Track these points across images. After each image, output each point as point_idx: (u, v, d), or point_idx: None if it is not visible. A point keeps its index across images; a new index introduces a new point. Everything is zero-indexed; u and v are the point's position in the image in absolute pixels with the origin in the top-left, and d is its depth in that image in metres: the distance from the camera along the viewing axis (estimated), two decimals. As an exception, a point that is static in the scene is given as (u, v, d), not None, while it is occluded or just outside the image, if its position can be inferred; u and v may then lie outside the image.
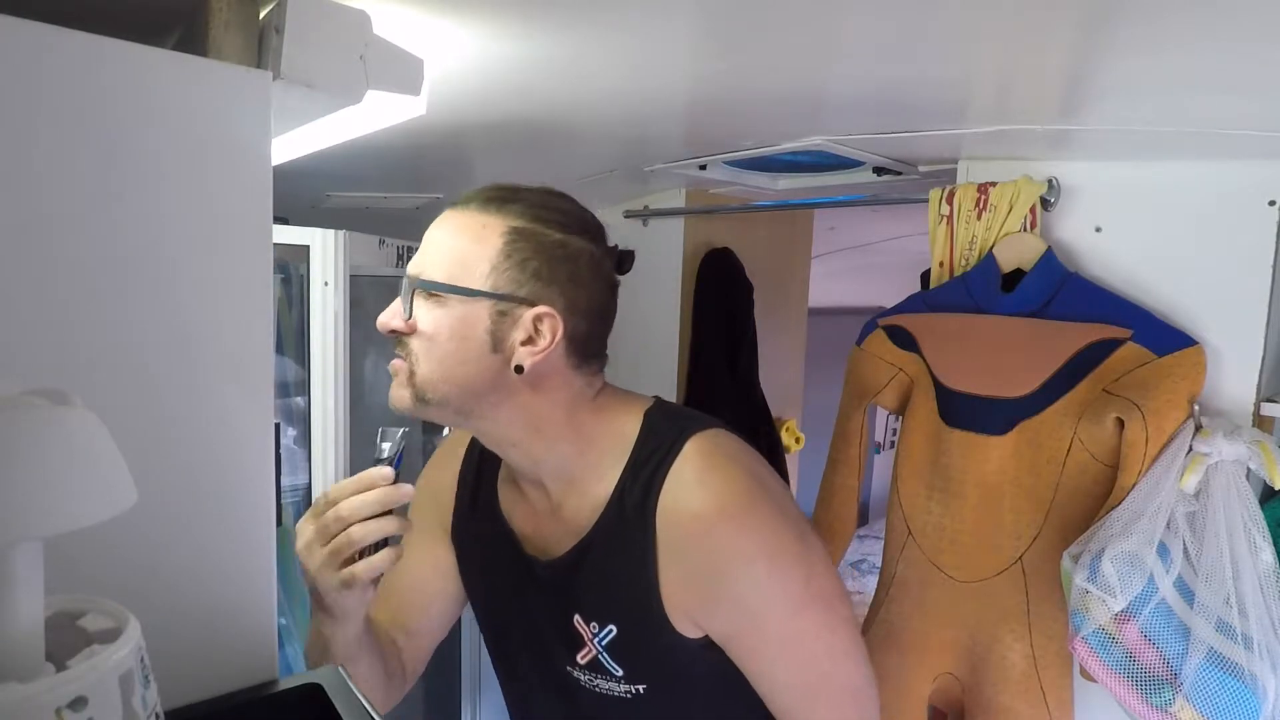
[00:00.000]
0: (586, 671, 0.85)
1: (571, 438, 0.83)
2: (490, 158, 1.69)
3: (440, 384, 0.78)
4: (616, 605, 0.82)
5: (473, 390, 0.79)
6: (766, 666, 0.81)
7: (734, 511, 0.78)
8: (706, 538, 0.77)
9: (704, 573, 0.78)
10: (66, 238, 0.65)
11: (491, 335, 0.77)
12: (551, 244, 0.78)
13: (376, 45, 0.78)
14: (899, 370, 1.44)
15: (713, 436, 0.82)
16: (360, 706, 0.77)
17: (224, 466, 0.76)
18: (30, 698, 0.38)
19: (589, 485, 0.83)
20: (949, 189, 1.43)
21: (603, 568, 0.82)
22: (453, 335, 0.77)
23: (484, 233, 0.77)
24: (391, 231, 1.70)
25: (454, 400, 0.79)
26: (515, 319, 0.77)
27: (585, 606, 0.84)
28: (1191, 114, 1.03)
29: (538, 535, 0.89)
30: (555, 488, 0.85)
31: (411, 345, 0.79)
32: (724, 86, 1.09)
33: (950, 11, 0.75)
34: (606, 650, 0.83)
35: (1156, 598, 1.08)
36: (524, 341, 0.78)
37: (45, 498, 0.37)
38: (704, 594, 0.78)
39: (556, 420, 0.82)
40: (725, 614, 0.79)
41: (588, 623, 0.84)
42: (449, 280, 0.77)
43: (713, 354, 2.16)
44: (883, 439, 5.18)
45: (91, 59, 0.64)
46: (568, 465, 0.84)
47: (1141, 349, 1.20)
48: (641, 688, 0.83)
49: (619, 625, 0.82)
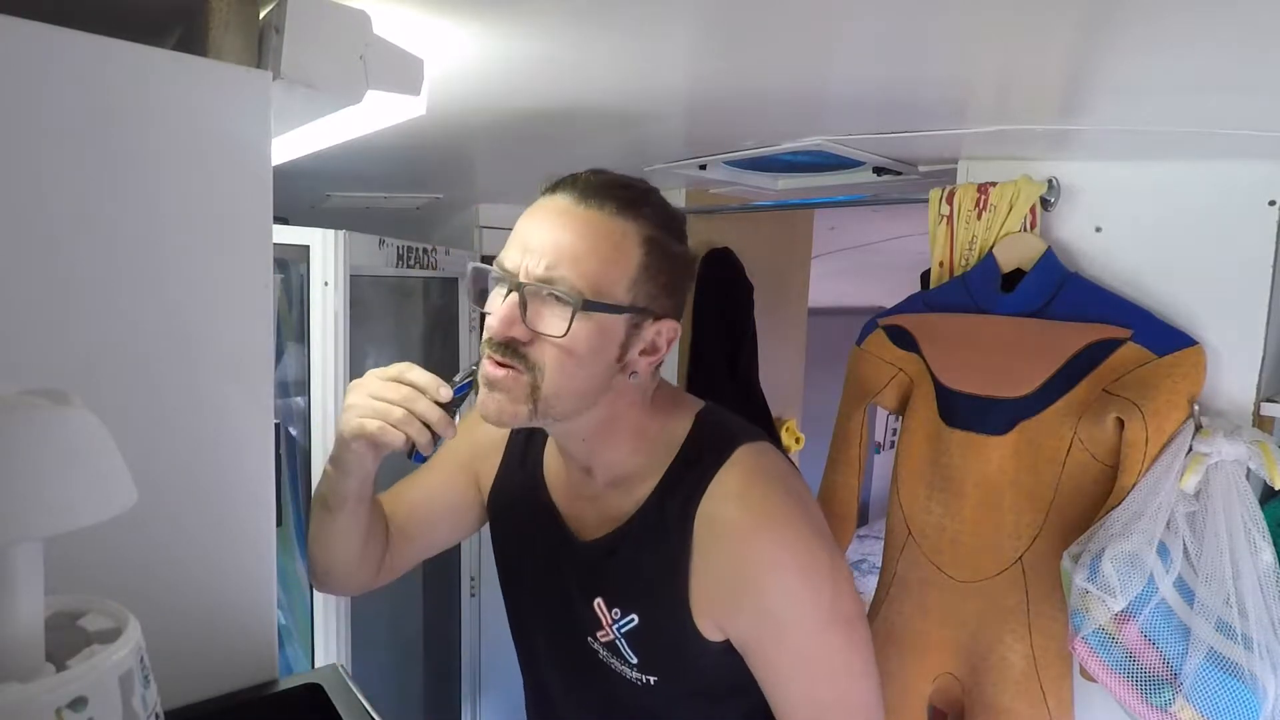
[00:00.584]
0: (604, 650, 0.87)
1: (632, 436, 0.85)
2: (490, 158, 1.69)
3: (566, 397, 0.76)
4: (643, 597, 0.83)
5: (586, 399, 0.78)
6: (783, 679, 0.82)
7: (772, 524, 0.79)
8: (743, 545, 0.78)
9: (736, 578, 0.78)
10: (66, 237, 0.65)
11: (621, 347, 0.77)
12: (675, 256, 0.79)
13: (376, 45, 0.78)
14: (899, 370, 1.44)
15: (759, 450, 0.83)
16: (360, 706, 0.77)
17: (224, 466, 0.76)
18: (30, 698, 0.38)
19: (635, 480, 0.85)
20: (949, 189, 1.43)
21: (635, 559, 0.83)
22: (591, 349, 0.75)
23: (624, 242, 0.75)
24: (391, 231, 1.70)
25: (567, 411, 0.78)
26: (642, 330, 0.78)
27: (610, 593, 0.85)
28: (1191, 114, 1.03)
29: (577, 512, 0.90)
30: (603, 476, 0.87)
31: (535, 356, 0.75)
32: (724, 86, 1.09)
33: (950, 11, 0.75)
34: (625, 638, 0.84)
35: (1156, 598, 1.08)
36: (643, 351, 0.79)
37: (45, 498, 0.38)
38: (733, 599, 0.79)
39: (628, 420, 0.84)
40: (750, 621, 0.80)
41: (609, 608, 0.85)
42: (594, 294, 0.73)
43: (713, 354, 2.16)
44: (883, 439, 5.19)
45: (92, 59, 0.64)
46: (621, 460, 0.85)
47: (1141, 349, 1.20)
48: (653, 679, 0.84)
49: (641, 616, 0.83)
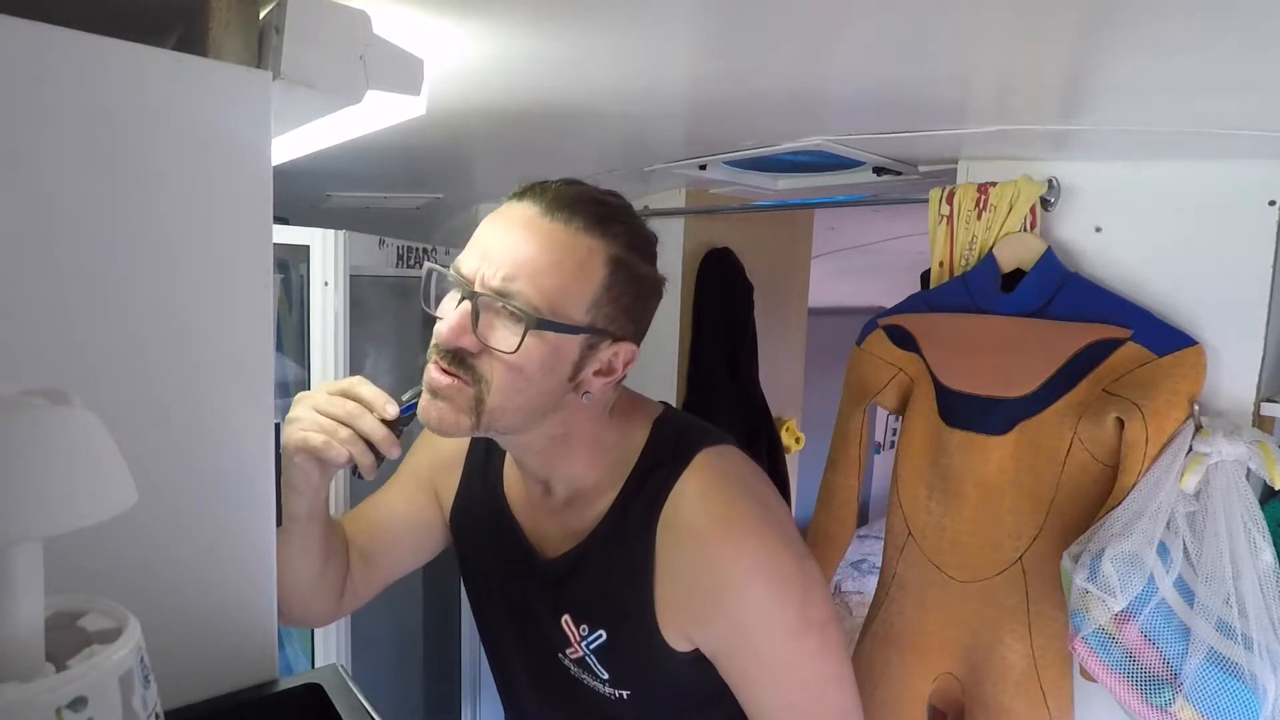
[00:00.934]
0: (575, 666, 0.86)
1: (588, 450, 0.83)
2: (490, 158, 1.69)
3: (512, 412, 0.75)
4: (608, 612, 0.82)
5: (533, 415, 0.77)
6: (757, 689, 0.80)
7: (735, 530, 0.77)
8: (706, 553, 0.76)
9: (701, 588, 0.77)
10: (66, 238, 0.65)
11: (574, 366, 0.75)
12: (640, 278, 0.77)
13: (376, 45, 0.78)
14: (899, 370, 1.44)
15: (719, 454, 0.81)
16: (360, 706, 0.77)
17: (224, 466, 0.76)
18: (30, 698, 0.38)
19: (594, 493, 0.83)
20: (949, 189, 1.43)
21: (598, 574, 0.82)
22: (542, 367, 0.73)
23: (589, 260, 0.73)
24: (391, 231, 1.70)
25: (513, 426, 0.77)
26: (597, 352, 0.76)
27: (576, 609, 0.84)
28: (1191, 114, 1.03)
29: (538, 530, 0.89)
30: (562, 491, 0.86)
31: (483, 369, 0.73)
32: (724, 86, 1.09)
33: (950, 11, 0.75)
34: (594, 654, 0.83)
35: (1156, 598, 1.08)
36: (597, 371, 0.77)
37: (45, 498, 0.37)
38: (699, 610, 0.77)
39: (583, 434, 0.82)
40: (719, 631, 0.78)
41: (577, 625, 0.84)
42: (551, 311, 0.71)
43: (713, 354, 2.16)
44: (883, 439, 5.19)
45: (92, 59, 0.64)
46: (579, 475, 0.84)
47: (1141, 349, 1.20)
48: (625, 693, 0.83)
49: (609, 632, 0.82)
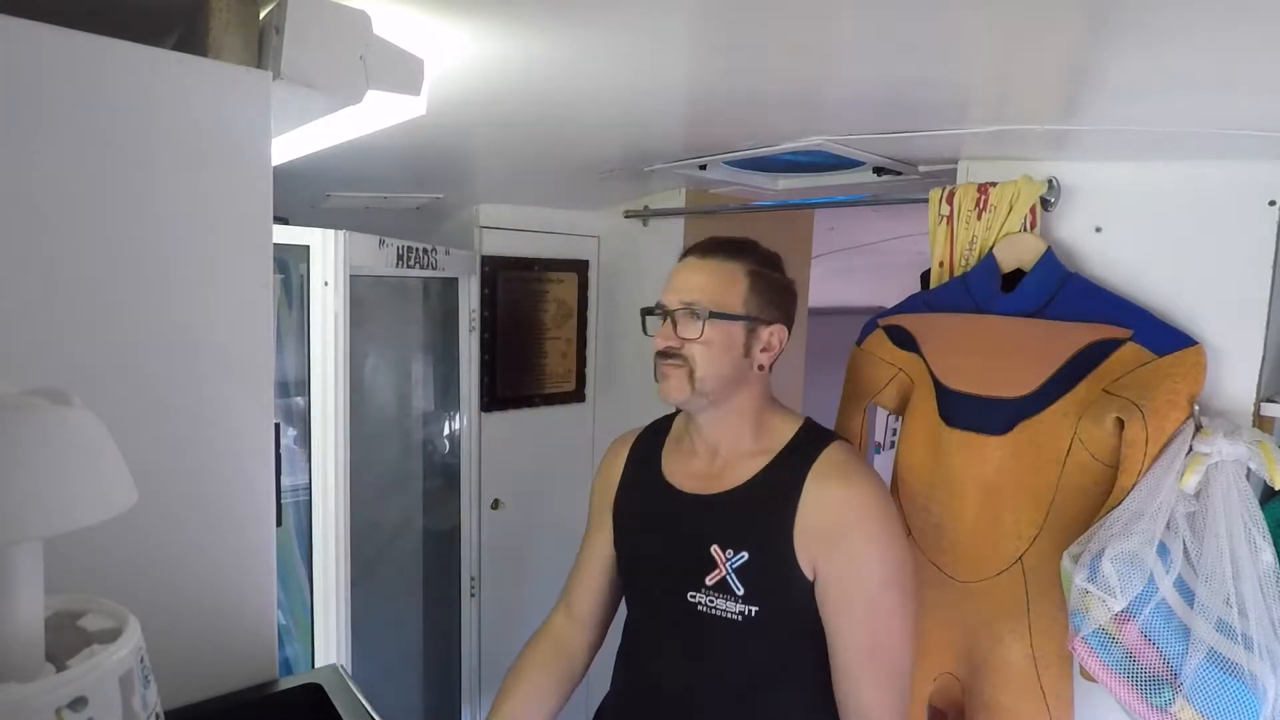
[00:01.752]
0: (709, 593, 1.07)
1: (754, 424, 1.14)
2: (490, 158, 1.69)
3: (712, 379, 1.09)
4: (754, 535, 1.06)
5: (727, 382, 1.10)
6: (849, 622, 1.02)
7: (867, 489, 1.06)
8: (844, 495, 1.05)
9: (837, 524, 1.03)
10: (66, 237, 0.65)
11: (744, 345, 1.11)
12: (774, 281, 1.14)
13: (376, 45, 0.78)
14: (899, 370, 1.44)
15: (850, 447, 1.13)
16: (360, 706, 0.77)
17: (224, 466, 0.76)
18: (30, 698, 0.38)
19: (755, 456, 1.12)
20: (949, 189, 1.43)
21: (749, 508, 1.08)
22: (721, 344, 1.09)
23: (734, 275, 1.11)
24: (391, 231, 1.70)
25: (715, 390, 1.10)
26: (758, 334, 1.11)
27: (725, 536, 1.07)
28: (1191, 114, 1.03)
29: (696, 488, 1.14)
30: (727, 454, 1.13)
31: (688, 353, 1.08)
32: (724, 86, 1.09)
33: (950, 12, 0.75)
34: (735, 573, 1.05)
35: (1156, 598, 1.08)
36: (762, 349, 1.12)
37: (45, 498, 0.37)
38: (830, 540, 1.03)
39: (753, 409, 1.14)
40: (840, 560, 1.02)
41: (724, 549, 1.07)
42: (717, 307, 1.08)
43: (713, 354, 2.16)
44: (883, 439, 5.17)
45: (92, 59, 0.64)
46: (746, 442, 1.13)
47: (1141, 349, 1.20)
48: (754, 609, 1.04)
49: (751, 551, 1.05)
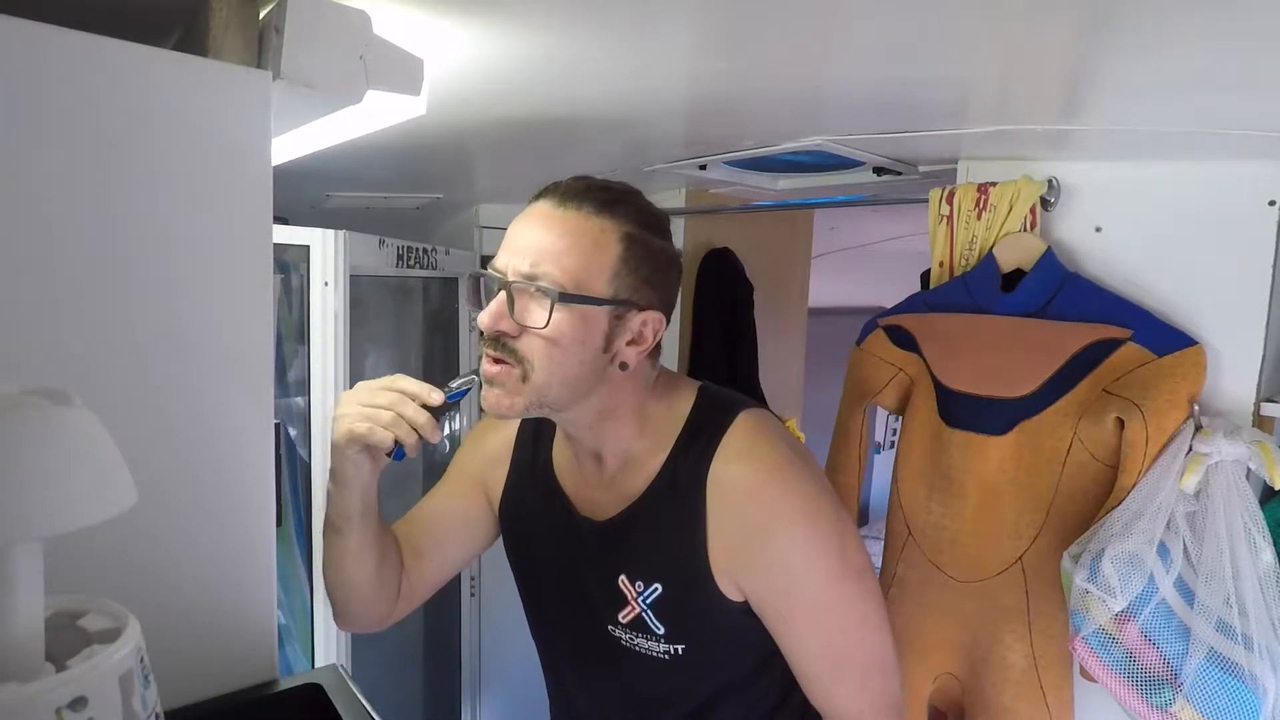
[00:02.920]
0: (628, 630, 0.89)
1: (636, 420, 0.89)
2: (490, 158, 1.69)
3: (556, 386, 0.81)
4: (664, 565, 0.87)
5: (579, 388, 0.83)
6: (798, 633, 0.85)
7: (779, 478, 0.83)
8: (753, 501, 0.83)
9: (749, 533, 0.82)
10: (66, 237, 0.65)
11: (606, 337, 0.81)
12: (656, 250, 0.83)
13: (376, 45, 0.78)
14: (899, 370, 1.44)
15: (758, 414, 0.89)
16: (360, 706, 0.77)
17: (224, 466, 0.76)
18: (30, 698, 0.38)
19: (644, 459, 0.89)
20: (949, 189, 1.43)
21: (653, 530, 0.87)
22: (575, 338, 0.79)
23: (602, 238, 0.79)
24: (391, 231, 1.70)
25: (561, 399, 0.83)
26: (626, 322, 0.82)
27: (631, 567, 0.88)
28: (1191, 114, 1.03)
29: (589, 501, 0.93)
30: (612, 461, 0.91)
31: (523, 349, 0.79)
32: (724, 86, 1.09)
33: (950, 12, 0.75)
34: (650, 608, 0.87)
35: (1156, 598, 1.08)
36: (629, 342, 0.83)
37: (45, 498, 0.37)
38: (748, 555, 0.83)
39: (629, 405, 0.88)
40: (765, 575, 0.83)
41: (633, 582, 0.88)
42: (575, 287, 0.78)
43: (712, 353, 2.16)
44: (883, 439, 5.18)
45: (92, 59, 0.64)
46: (628, 443, 0.90)
47: (1141, 349, 1.20)
48: (680, 648, 0.87)
49: (664, 584, 0.86)
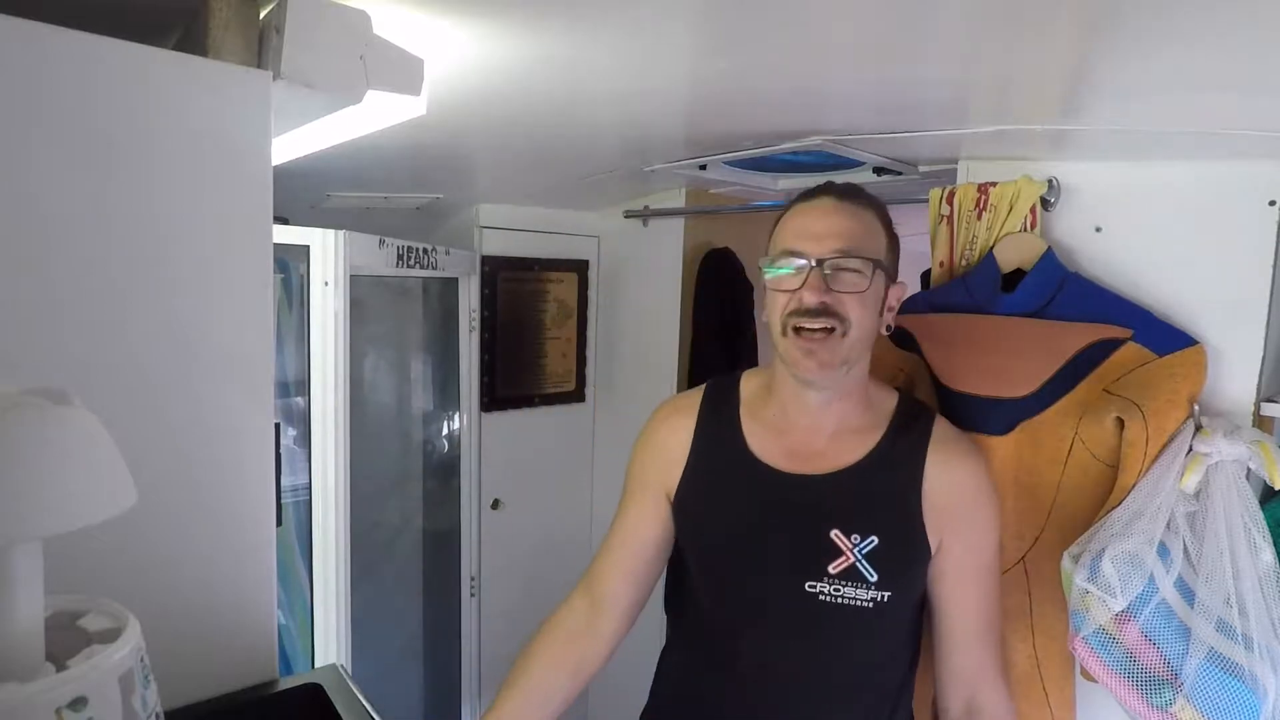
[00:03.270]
0: (835, 581, 0.98)
1: (864, 396, 1.05)
2: (490, 158, 1.69)
3: (861, 342, 0.97)
4: (882, 517, 0.99)
5: (868, 345, 0.99)
6: (969, 594, 1.02)
7: (985, 466, 1.06)
8: (972, 477, 1.02)
9: (965, 500, 1.01)
10: (66, 238, 0.65)
11: (882, 301, 0.99)
12: (894, 235, 1.02)
13: (376, 45, 0.78)
14: (899, 370, 1.43)
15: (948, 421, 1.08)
16: (360, 706, 0.77)
17: (224, 466, 0.76)
18: (30, 698, 0.38)
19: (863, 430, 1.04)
20: (949, 189, 1.43)
21: (871, 489, 1.01)
22: (875, 300, 0.96)
23: (874, 225, 0.98)
24: (391, 231, 1.70)
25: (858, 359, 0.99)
26: (890, 290, 1.00)
27: (847, 521, 0.99)
28: (1191, 114, 1.03)
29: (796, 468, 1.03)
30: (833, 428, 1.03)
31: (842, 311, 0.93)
32: (724, 86, 1.09)
33: (950, 12, 0.75)
34: (866, 558, 0.97)
35: (1157, 598, 1.08)
36: (889, 307, 1.01)
37: (45, 498, 0.37)
38: (959, 516, 1.01)
39: (864, 378, 1.04)
40: (967, 537, 1.01)
41: (848, 535, 0.98)
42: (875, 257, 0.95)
43: (712, 353, 2.16)
44: (883, 439, 5.16)
45: (92, 59, 0.64)
46: (856, 414, 1.04)
47: (1142, 349, 1.20)
48: (887, 594, 0.97)
49: (881, 536, 0.98)
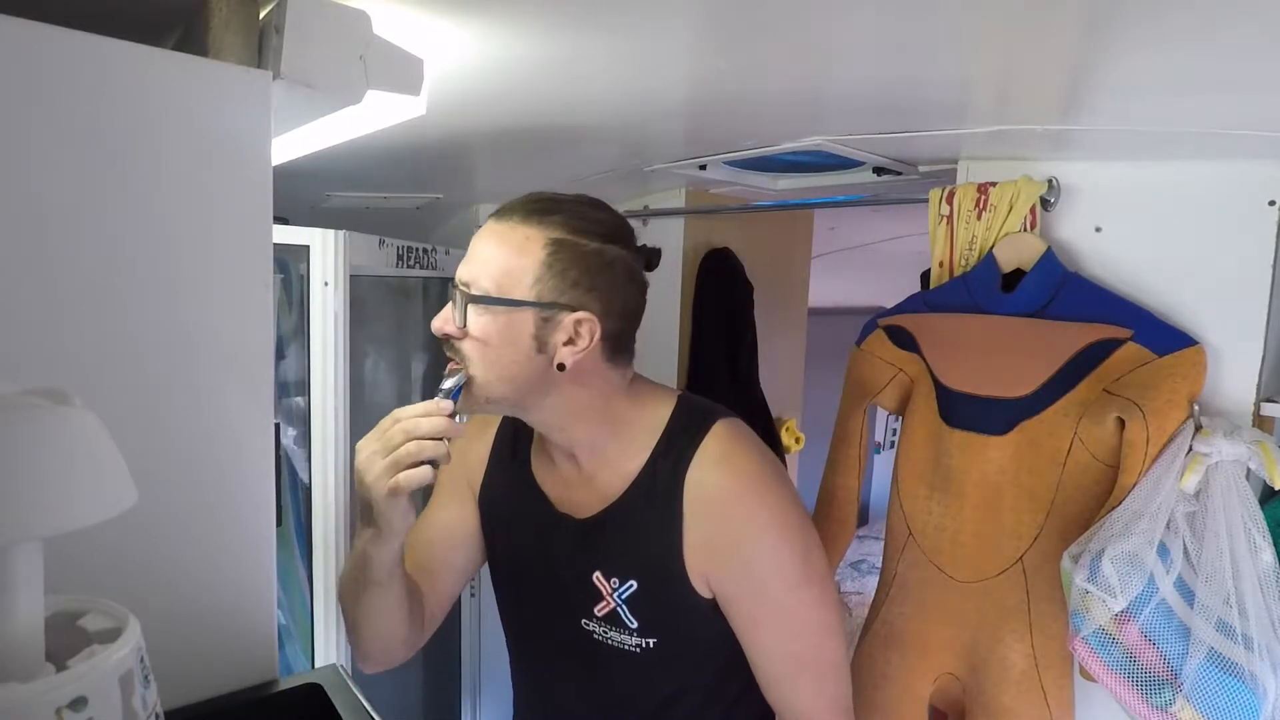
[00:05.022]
0: (602, 624, 0.93)
1: (608, 422, 0.93)
2: (490, 158, 1.69)
3: (496, 383, 0.87)
4: (640, 562, 0.91)
5: (522, 387, 0.88)
6: (763, 633, 0.90)
7: (754, 487, 0.89)
8: (729, 507, 0.88)
9: (725, 536, 0.88)
10: (66, 238, 0.65)
11: (536, 339, 0.85)
12: (589, 253, 0.86)
13: (376, 45, 0.78)
14: (899, 370, 1.44)
15: (734, 424, 0.94)
16: (360, 706, 0.77)
17: (224, 466, 0.76)
18: (30, 698, 0.38)
19: (620, 461, 0.94)
20: (949, 189, 1.43)
21: (629, 529, 0.92)
22: (502, 341, 0.85)
23: (527, 245, 0.85)
24: (391, 231, 1.70)
25: (509, 396, 0.88)
26: (557, 323, 0.85)
27: (608, 564, 0.93)
28: (1191, 114, 1.03)
29: (568, 500, 0.97)
30: (589, 462, 0.95)
31: (464, 350, 0.86)
32: (724, 86, 1.09)
33: (950, 12, 0.75)
34: (625, 604, 0.92)
35: (1157, 598, 1.08)
36: (565, 342, 0.86)
37: (45, 498, 0.37)
38: (722, 556, 0.88)
39: (595, 407, 0.92)
40: (737, 576, 0.89)
41: (608, 579, 0.92)
42: (498, 291, 0.84)
43: (713, 354, 2.16)
44: (883, 439, 5.18)
45: (92, 59, 0.64)
46: (603, 444, 0.94)
47: (1142, 349, 1.20)
48: (652, 641, 0.91)
49: (640, 581, 0.91)
